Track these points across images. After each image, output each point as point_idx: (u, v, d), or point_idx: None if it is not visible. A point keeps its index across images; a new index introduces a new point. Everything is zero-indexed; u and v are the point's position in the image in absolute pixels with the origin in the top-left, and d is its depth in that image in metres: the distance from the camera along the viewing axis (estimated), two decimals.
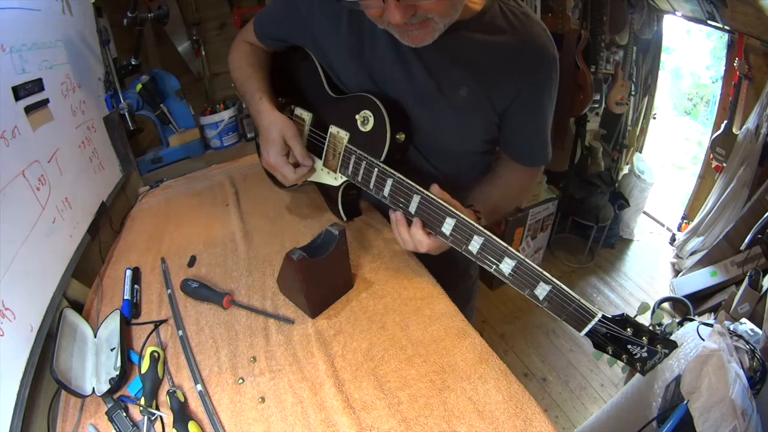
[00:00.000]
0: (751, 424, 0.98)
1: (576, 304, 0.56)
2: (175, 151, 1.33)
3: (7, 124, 0.66)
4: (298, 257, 0.62)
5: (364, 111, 0.75)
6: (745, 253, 1.81)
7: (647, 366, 0.56)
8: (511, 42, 0.69)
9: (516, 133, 0.80)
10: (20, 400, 0.55)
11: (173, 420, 0.53)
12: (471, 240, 0.62)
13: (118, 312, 0.69)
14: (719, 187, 2.15)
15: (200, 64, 1.59)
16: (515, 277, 0.59)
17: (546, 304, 0.58)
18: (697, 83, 3.41)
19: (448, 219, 0.64)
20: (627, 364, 0.57)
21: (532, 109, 0.76)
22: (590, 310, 0.56)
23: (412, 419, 0.53)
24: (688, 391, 1.04)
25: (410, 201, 0.68)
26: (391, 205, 0.71)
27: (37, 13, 0.82)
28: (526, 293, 0.59)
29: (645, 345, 0.55)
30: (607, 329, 0.55)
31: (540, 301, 0.58)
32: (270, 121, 0.78)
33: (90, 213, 0.91)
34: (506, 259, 0.60)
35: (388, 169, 0.70)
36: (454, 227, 0.63)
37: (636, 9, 2.26)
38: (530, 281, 0.59)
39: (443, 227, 0.64)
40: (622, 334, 0.55)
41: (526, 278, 0.59)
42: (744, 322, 1.34)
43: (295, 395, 0.57)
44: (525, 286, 0.59)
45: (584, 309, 0.56)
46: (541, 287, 0.58)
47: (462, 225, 0.63)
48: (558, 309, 0.57)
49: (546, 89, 0.74)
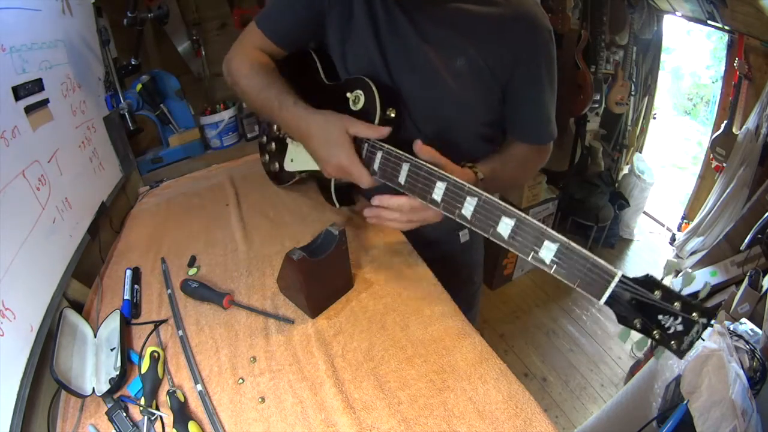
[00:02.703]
0: (751, 424, 0.98)
1: (591, 263, 0.49)
2: (175, 151, 1.33)
3: (7, 124, 0.66)
4: (298, 257, 0.61)
5: (356, 91, 0.75)
6: (745, 253, 1.80)
7: (684, 343, 0.47)
8: (504, 13, 0.70)
9: (519, 108, 0.79)
10: (20, 400, 0.55)
11: (173, 420, 0.53)
12: (464, 203, 0.57)
13: (118, 312, 0.69)
14: (719, 187, 2.15)
15: (200, 64, 1.59)
16: (515, 239, 0.53)
17: (555, 267, 0.51)
18: (697, 83, 3.41)
19: (438, 183, 0.59)
20: (659, 343, 0.48)
21: (533, 81, 0.76)
22: (607, 269, 0.48)
23: (412, 419, 0.53)
24: (688, 391, 1.04)
25: (399, 171, 0.64)
26: (382, 178, 0.67)
27: (37, 13, 0.82)
28: (530, 258, 0.52)
29: (678, 313, 0.46)
30: (632, 293, 0.47)
31: (547, 265, 0.51)
32: (325, 120, 0.70)
33: (90, 213, 0.91)
34: (504, 218, 0.54)
35: (377, 142, 0.67)
36: (445, 191, 0.58)
37: (636, 9, 2.26)
38: (533, 241, 0.52)
39: (434, 193, 0.59)
40: (650, 299, 0.47)
41: (528, 239, 0.52)
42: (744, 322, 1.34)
43: (295, 395, 0.56)
44: (528, 248, 0.52)
45: (600, 268, 0.48)
46: (547, 248, 0.51)
47: (453, 187, 0.58)
48: (570, 273, 0.50)
49: (544, 60, 0.74)
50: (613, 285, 0.48)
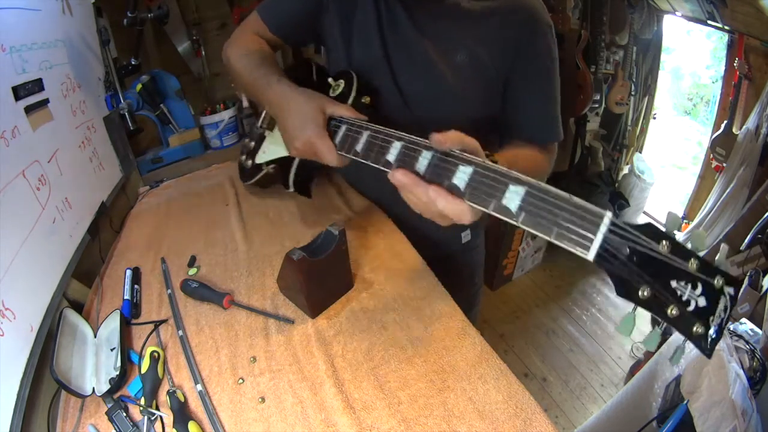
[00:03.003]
0: (751, 424, 0.98)
1: (571, 204, 0.38)
2: (175, 151, 1.33)
3: (7, 124, 0.66)
4: (298, 257, 0.61)
5: (339, 80, 0.77)
6: (745, 253, 1.80)
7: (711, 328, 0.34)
8: (503, 6, 0.71)
9: (519, 104, 0.78)
10: (20, 400, 0.55)
11: (173, 420, 0.53)
12: (419, 158, 0.50)
13: (118, 312, 0.69)
14: (719, 187, 2.15)
15: (200, 64, 1.59)
16: (472, 187, 0.45)
17: (523, 216, 0.40)
18: (697, 83, 3.41)
19: (424, 152, 0.50)
20: (677, 327, 0.34)
21: (533, 75, 0.75)
22: (593, 209, 0.37)
23: (412, 419, 0.53)
24: (688, 391, 1.04)
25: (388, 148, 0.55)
26: (365, 159, 0.60)
27: (37, 13, 0.82)
28: (491, 208, 0.43)
29: (698, 277, 0.34)
30: (631, 244, 0.35)
31: (513, 214, 0.41)
32: (305, 98, 0.68)
33: (90, 213, 0.91)
34: (461, 167, 0.46)
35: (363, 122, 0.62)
36: (401, 149, 0.53)
37: (636, 9, 2.26)
38: (494, 187, 0.43)
39: (417, 165, 0.51)
40: (657, 253, 0.34)
41: (488, 184, 0.44)
42: (744, 322, 1.34)
43: (295, 395, 0.56)
44: (487, 198, 0.43)
45: (584, 209, 0.37)
46: (513, 193, 0.41)
47: (410, 144, 0.52)
48: (542, 222, 0.39)
49: (544, 54, 0.74)
50: (603, 229, 0.36)
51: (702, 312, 0.34)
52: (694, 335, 0.34)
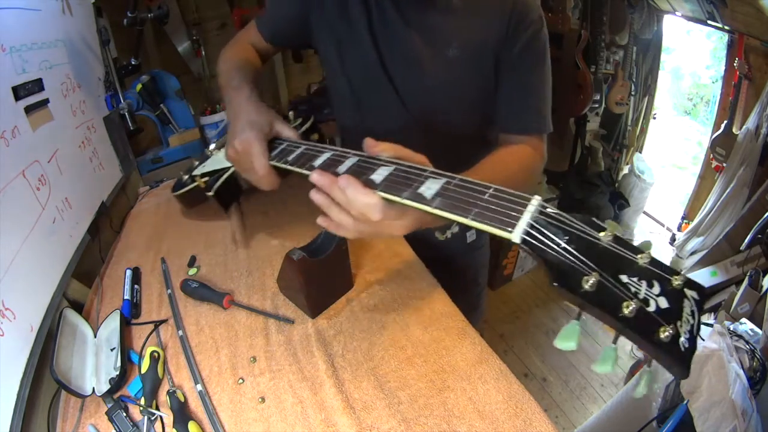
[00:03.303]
0: (751, 424, 0.98)
1: (494, 189, 0.37)
2: (175, 151, 1.34)
3: (7, 124, 0.66)
4: (298, 257, 0.61)
5: (298, 118, 0.86)
6: (745, 253, 1.80)
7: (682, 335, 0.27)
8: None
9: (503, 92, 0.77)
10: (20, 400, 0.55)
11: (173, 420, 0.53)
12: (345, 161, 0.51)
13: (118, 312, 0.69)
14: (719, 187, 2.15)
15: (200, 64, 1.60)
16: (389, 181, 0.44)
17: (438, 201, 0.39)
18: (697, 83, 3.40)
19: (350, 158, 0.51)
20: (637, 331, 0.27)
21: (519, 63, 0.74)
22: (519, 194, 0.36)
23: (412, 419, 0.53)
24: (688, 391, 1.04)
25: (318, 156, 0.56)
26: (292, 166, 0.60)
27: (37, 13, 0.82)
28: (404, 197, 0.41)
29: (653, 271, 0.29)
30: (569, 230, 0.31)
31: (427, 200, 0.39)
32: (262, 108, 0.70)
33: (90, 213, 0.91)
34: (382, 167, 0.45)
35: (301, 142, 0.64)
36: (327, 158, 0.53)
37: (636, 9, 2.26)
38: (411, 179, 0.42)
39: (339, 167, 0.51)
40: (600, 241, 0.31)
41: (405, 177, 0.43)
42: (744, 322, 1.34)
43: (295, 395, 0.56)
44: (403, 188, 0.42)
45: (508, 193, 0.36)
46: (430, 183, 0.41)
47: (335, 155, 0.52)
48: (459, 204, 0.38)
49: (532, 42, 0.73)
50: (531, 209, 0.34)
51: (666, 314, 0.28)
52: (662, 341, 0.27)
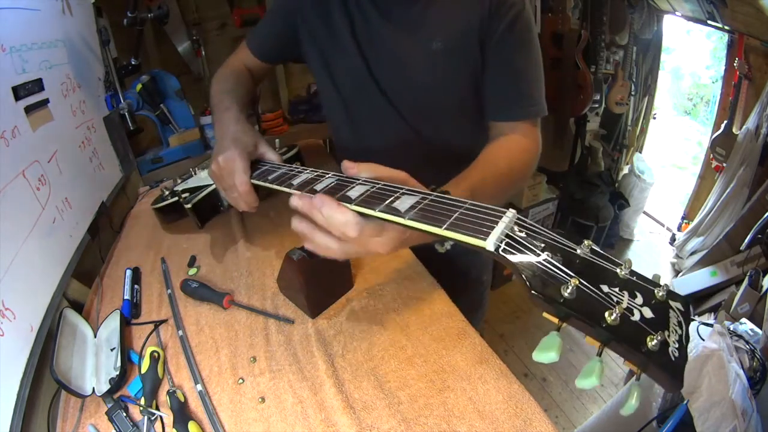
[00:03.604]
0: (751, 424, 0.98)
1: (469, 204, 0.38)
2: (175, 151, 1.33)
3: (7, 124, 0.66)
4: (297, 257, 0.61)
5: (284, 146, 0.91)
6: (745, 253, 1.81)
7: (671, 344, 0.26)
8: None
9: (486, 81, 0.76)
10: (20, 400, 0.55)
11: (173, 420, 0.53)
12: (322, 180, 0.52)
13: (118, 312, 0.69)
14: (719, 187, 2.15)
15: (200, 64, 1.59)
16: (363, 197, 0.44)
17: (411, 213, 0.39)
18: (697, 83, 3.41)
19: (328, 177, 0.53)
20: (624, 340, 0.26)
21: (504, 47, 0.73)
22: (495, 207, 0.36)
23: (412, 419, 0.53)
24: (688, 391, 1.04)
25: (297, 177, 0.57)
26: (272, 183, 0.61)
27: (37, 13, 0.82)
28: (378, 210, 0.42)
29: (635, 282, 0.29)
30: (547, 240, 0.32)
31: (402, 213, 0.40)
32: (249, 129, 0.72)
33: (90, 213, 0.91)
34: (358, 186, 0.47)
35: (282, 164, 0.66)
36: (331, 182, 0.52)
37: (636, 9, 2.26)
38: (385, 196, 0.43)
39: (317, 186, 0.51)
40: (578, 251, 0.31)
41: (377, 196, 0.44)
42: (744, 322, 1.34)
43: (295, 395, 0.56)
44: (379, 201, 0.43)
45: (483, 206, 0.37)
46: (404, 197, 0.42)
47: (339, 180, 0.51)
48: (433, 216, 0.38)
49: (517, 26, 0.72)
50: (505, 220, 0.34)
51: (652, 323, 0.27)
52: (651, 350, 0.26)
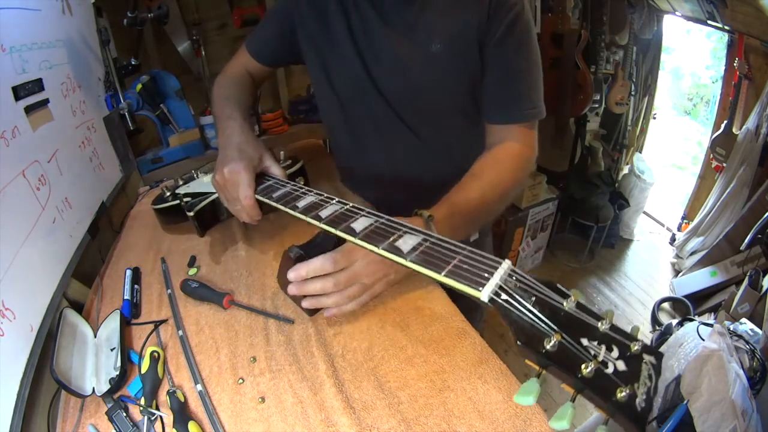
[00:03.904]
0: (751, 424, 0.98)
1: (467, 251, 0.41)
2: (175, 151, 1.33)
3: (7, 124, 0.66)
4: (295, 255, 0.62)
5: (288, 159, 0.91)
6: (745, 253, 1.81)
7: (639, 396, 0.28)
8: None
9: (490, 80, 0.75)
10: (20, 400, 0.55)
11: (173, 420, 0.53)
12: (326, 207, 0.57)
13: (118, 312, 0.69)
14: (719, 187, 2.15)
15: (200, 64, 1.59)
16: (368, 233, 0.48)
17: (414, 255, 0.42)
18: (697, 83, 3.41)
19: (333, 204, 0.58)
20: (594, 390, 0.30)
21: (501, 48, 0.72)
22: (491, 256, 0.39)
23: (412, 419, 0.53)
24: (688, 391, 1.04)
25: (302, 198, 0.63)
26: (276, 202, 0.65)
27: (37, 13, 0.82)
28: (381, 248, 0.45)
29: (613, 337, 0.31)
30: (536, 294, 0.35)
31: (405, 254, 0.43)
32: (252, 140, 0.74)
33: (90, 213, 0.91)
34: (363, 217, 0.51)
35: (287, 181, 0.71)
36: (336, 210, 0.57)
37: (636, 9, 2.26)
38: (389, 233, 0.46)
39: (321, 211, 0.57)
40: (563, 306, 0.33)
41: (381, 232, 0.47)
42: (744, 322, 1.34)
43: (295, 395, 0.56)
44: (383, 239, 0.46)
45: (481, 254, 0.40)
46: (407, 238, 0.45)
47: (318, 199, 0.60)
48: (433, 261, 0.41)
49: (516, 22, 0.70)
50: (500, 272, 0.37)
51: (624, 376, 0.29)
52: (618, 401, 0.28)
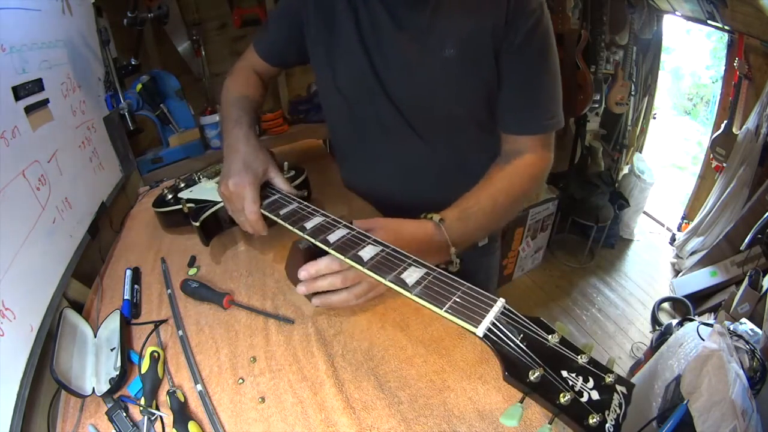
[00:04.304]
0: (751, 424, 0.98)
1: (466, 287, 0.45)
2: (175, 151, 1.33)
3: (7, 124, 0.66)
4: (303, 246, 0.62)
5: (291, 169, 0.91)
6: (745, 253, 1.81)
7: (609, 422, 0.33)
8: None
9: (507, 89, 0.73)
10: (20, 400, 0.55)
11: (173, 420, 0.53)
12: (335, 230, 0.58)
13: (118, 312, 0.69)
14: (719, 187, 2.15)
15: (200, 64, 1.59)
16: (375, 263, 0.51)
17: (418, 289, 0.46)
18: (697, 83, 3.41)
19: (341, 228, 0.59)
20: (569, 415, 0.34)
21: (525, 56, 0.70)
22: (488, 295, 0.43)
23: (412, 419, 0.53)
24: (688, 391, 1.04)
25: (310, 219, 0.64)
26: (284, 221, 0.67)
27: (37, 13, 0.82)
28: (388, 279, 0.49)
29: (590, 370, 0.36)
30: (522, 329, 0.40)
31: (409, 287, 0.47)
32: (258, 150, 0.74)
33: (90, 213, 0.91)
34: (371, 245, 0.53)
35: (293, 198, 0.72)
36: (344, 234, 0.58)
37: (636, 9, 2.26)
38: (396, 264, 0.50)
39: (330, 236, 0.58)
40: (548, 342, 0.39)
41: (388, 263, 0.50)
42: (744, 322, 1.34)
43: (295, 395, 0.56)
44: (390, 270, 0.49)
45: (478, 293, 0.44)
46: (412, 271, 0.48)
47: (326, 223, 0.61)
48: (436, 296, 0.45)
49: (533, 34, 0.68)
50: (495, 311, 0.42)
51: (596, 404, 0.34)
52: (590, 426, 0.33)
